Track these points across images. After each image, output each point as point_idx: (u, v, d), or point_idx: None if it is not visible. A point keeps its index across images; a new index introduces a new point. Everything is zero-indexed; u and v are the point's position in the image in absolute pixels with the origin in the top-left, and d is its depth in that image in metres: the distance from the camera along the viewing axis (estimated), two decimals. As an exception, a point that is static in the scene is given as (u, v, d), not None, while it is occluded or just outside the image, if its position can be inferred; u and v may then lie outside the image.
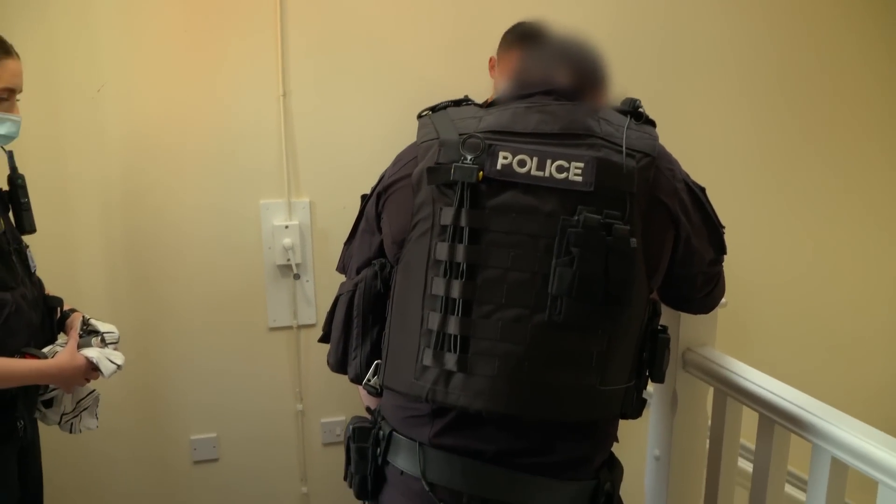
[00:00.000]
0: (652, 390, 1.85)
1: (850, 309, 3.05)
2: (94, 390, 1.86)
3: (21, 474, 1.77)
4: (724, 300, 1.59)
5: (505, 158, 1.26)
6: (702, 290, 1.49)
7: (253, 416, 2.63)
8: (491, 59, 2.12)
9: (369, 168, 1.50)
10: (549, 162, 1.25)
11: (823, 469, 1.44)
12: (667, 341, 1.40)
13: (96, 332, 1.81)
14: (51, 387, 1.80)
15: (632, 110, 1.37)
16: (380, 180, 1.45)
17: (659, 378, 1.41)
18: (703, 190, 1.41)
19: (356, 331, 1.45)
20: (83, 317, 1.84)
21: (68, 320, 1.85)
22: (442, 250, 1.27)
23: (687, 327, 1.76)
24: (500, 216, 1.26)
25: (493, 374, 1.25)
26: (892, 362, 3.14)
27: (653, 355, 1.39)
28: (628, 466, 1.52)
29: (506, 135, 1.29)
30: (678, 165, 1.37)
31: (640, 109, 1.38)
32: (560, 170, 1.25)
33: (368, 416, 1.49)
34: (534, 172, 1.25)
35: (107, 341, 1.82)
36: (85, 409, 1.85)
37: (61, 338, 1.83)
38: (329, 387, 2.61)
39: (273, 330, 2.59)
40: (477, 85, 2.00)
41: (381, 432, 1.40)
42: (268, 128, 2.45)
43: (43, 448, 1.93)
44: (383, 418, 1.42)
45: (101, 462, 2.54)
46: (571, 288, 1.22)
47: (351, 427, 1.44)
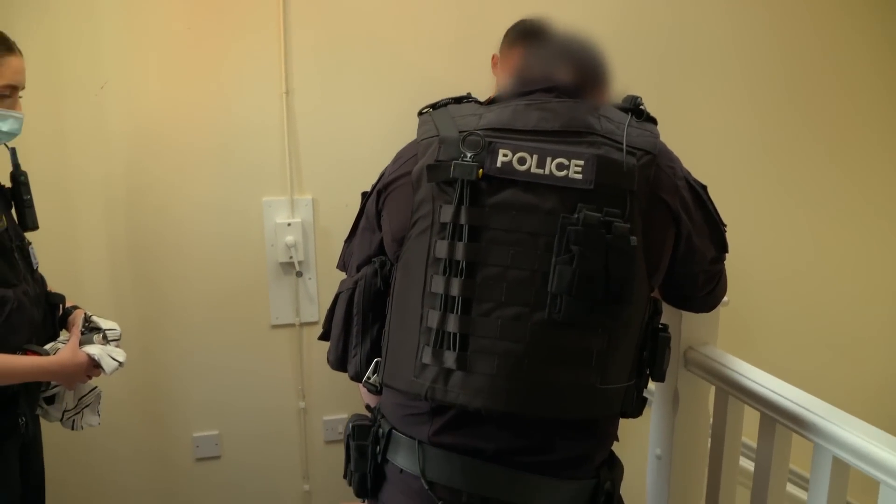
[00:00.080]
0: (654, 389, 1.84)
1: (854, 307, 3.04)
2: (95, 387, 1.87)
3: (23, 471, 1.78)
4: (725, 299, 1.58)
5: (505, 156, 1.26)
6: (703, 289, 1.48)
7: (255, 414, 2.63)
8: (493, 57, 2.12)
9: (372, 165, 1.50)
10: (549, 159, 1.25)
11: (825, 469, 1.43)
12: (667, 340, 1.40)
13: (98, 329, 1.82)
14: (53, 383, 1.81)
15: (633, 108, 1.37)
16: (380, 178, 1.45)
17: (659, 377, 1.41)
18: (704, 188, 1.40)
19: (356, 328, 1.45)
20: (85, 314, 1.85)
21: (70, 317, 1.86)
22: (441, 248, 1.26)
23: (689, 326, 1.75)
24: (499, 214, 1.25)
25: (492, 372, 1.25)
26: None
27: (653, 354, 1.38)
28: (630, 465, 1.51)
29: (506, 132, 1.29)
30: (679, 163, 1.36)
31: (641, 107, 1.37)
32: (560, 167, 1.25)
33: (368, 413, 1.49)
34: (534, 170, 1.25)
35: (109, 338, 1.83)
36: (87, 406, 1.85)
37: (63, 335, 1.83)
38: (331, 384, 2.61)
39: (275, 327, 2.60)
40: (480, 82, 2.00)
41: (381, 430, 1.40)
42: (270, 125, 2.45)
43: (45, 444, 1.93)
44: (383, 416, 1.41)
45: (103, 459, 2.54)
46: (571, 286, 1.21)
47: (351, 425, 1.44)
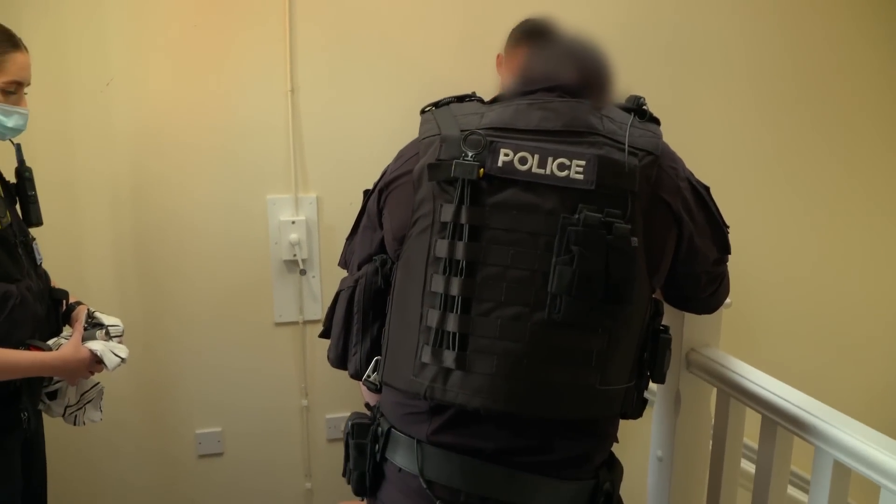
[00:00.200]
0: (655, 390, 1.84)
1: (858, 309, 3.03)
2: (98, 383, 1.87)
3: (25, 465, 1.78)
4: (728, 300, 1.58)
5: (506, 155, 1.26)
6: (706, 290, 1.48)
7: (258, 411, 2.64)
8: (498, 57, 2.11)
9: (377, 164, 1.50)
10: (550, 159, 1.25)
11: (826, 472, 1.43)
12: (668, 341, 1.39)
13: (101, 325, 1.82)
14: (55, 379, 1.81)
15: (636, 108, 1.36)
16: (382, 176, 1.45)
17: (659, 379, 1.41)
18: (707, 189, 1.40)
19: (356, 327, 1.45)
20: (88, 310, 1.85)
21: (73, 313, 1.86)
22: (442, 247, 1.26)
23: (691, 327, 1.74)
24: (500, 213, 1.25)
25: (491, 371, 1.25)
26: (901, 364, 3.12)
27: (654, 355, 1.38)
28: (631, 467, 1.51)
29: (507, 132, 1.28)
30: (682, 164, 1.36)
31: (644, 107, 1.37)
32: (561, 167, 1.24)
33: (368, 412, 1.49)
34: (535, 170, 1.25)
35: (111, 334, 1.83)
36: (89, 402, 1.86)
37: (66, 330, 1.83)
38: (334, 383, 2.62)
39: (279, 325, 2.60)
40: (485, 81, 1.99)
41: (380, 429, 1.39)
42: (275, 123, 2.46)
43: (48, 440, 1.94)
44: (382, 415, 1.41)
45: (105, 455, 2.55)
46: (571, 286, 1.21)
47: (350, 423, 1.44)
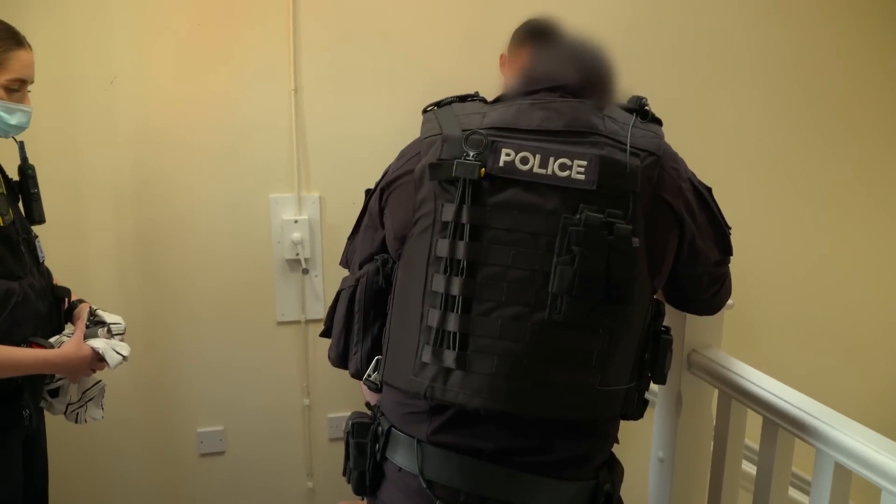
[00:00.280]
0: (657, 391, 1.84)
1: (860, 310, 3.02)
2: (100, 381, 1.87)
3: (26, 463, 1.78)
4: (730, 301, 1.57)
5: (507, 155, 1.26)
6: (707, 291, 1.47)
7: (260, 410, 2.64)
8: (501, 56, 2.11)
9: (380, 163, 1.50)
10: (551, 159, 1.25)
11: (826, 474, 1.42)
12: (669, 342, 1.39)
13: (103, 323, 1.82)
14: (57, 376, 1.81)
15: (638, 108, 1.36)
16: (383, 175, 1.45)
17: (660, 379, 1.40)
18: (709, 190, 1.40)
19: (357, 326, 1.45)
20: (90, 307, 1.86)
21: (75, 311, 1.87)
22: (443, 247, 1.26)
23: (692, 328, 1.74)
24: (501, 213, 1.25)
25: (491, 371, 1.25)
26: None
27: (655, 356, 1.38)
28: (632, 467, 1.51)
29: (509, 131, 1.28)
30: (684, 165, 1.36)
31: (646, 108, 1.37)
32: (563, 168, 1.24)
33: (368, 411, 1.49)
34: (536, 170, 1.25)
35: (113, 332, 1.83)
36: (91, 400, 1.86)
37: (68, 328, 1.84)
38: (336, 382, 2.62)
39: (281, 324, 2.60)
40: (489, 81, 1.99)
41: (380, 428, 1.40)
42: (279, 122, 2.46)
43: (50, 437, 1.94)
44: (382, 414, 1.42)
45: (107, 453, 2.56)
46: (572, 286, 1.21)
47: (350, 422, 1.44)
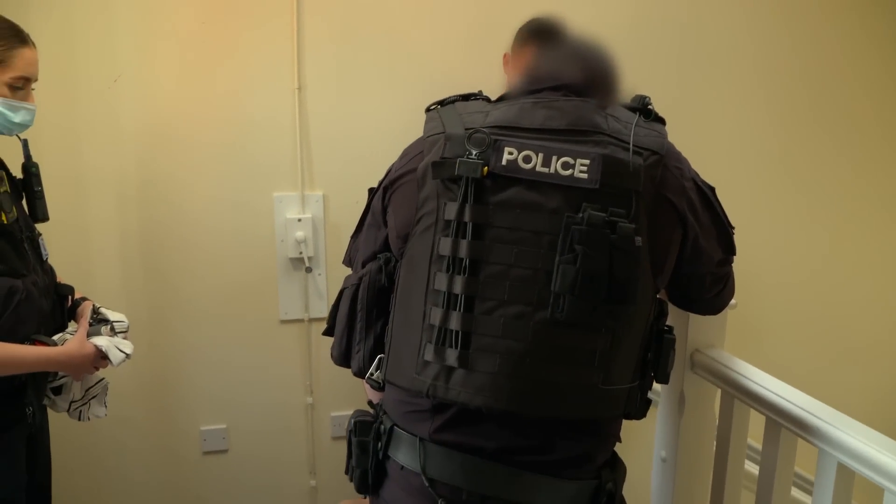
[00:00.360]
0: (659, 390, 1.84)
1: (863, 311, 3.01)
2: (103, 378, 1.88)
3: (29, 460, 1.79)
4: (733, 301, 1.57)
5: (510, 154, 1.26)
6: (710, 291, 1.47)
7: (263, 409, 2.64)
8: (505, 56, 2.11)
9: (383, 162, 1.50)
10: (554, 158, 1.25)
11: (829, 475, 1.42)
12: (672, 342, 1.39)
13: (106, 321, 1.83)
14: (60, 374, 1.81)
15: (641, 107, 1.36)
16: (387, 174, 1.45)
17: (663, 379, 1.40)
18: (712, 189, 1.40)
19: (360, 325, 1.45)
20: (93, 305, 1.86)
21: (79, 308, 1.87)
22: (445, 245, 1.26)
23: (695, 328, 1.74)
24: (503, 212, 1.25)
25: (493, 370, 1.25)
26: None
27: (657, 355, 1.38)
28: (634, 467, 1.51)
29: (512, 130, 1.28)
30: (687, 164, 1.36)
31: (649, 106, 1.37)
32: (565, 166, 1.24)
33: (371, 410, 1.50)
34: (539, 169, 1.25)
35: (116, 330, 1.83)
36: (94, 397, 1.86)
37: (72, 326, 1.84)
38: (339, 381, 2.61)
39: (284, 323, 2.60)
40: (493, 80, 1.99)
41: (383, 427, 1.40)
42: (282, 121, 2.46)
43: (53, 435, 1.95)
44: (385, 413, 1.42)
45: (110, 450, 2.56)
46: (574, 285, 1.21)
47: (353, 421, 1.44)
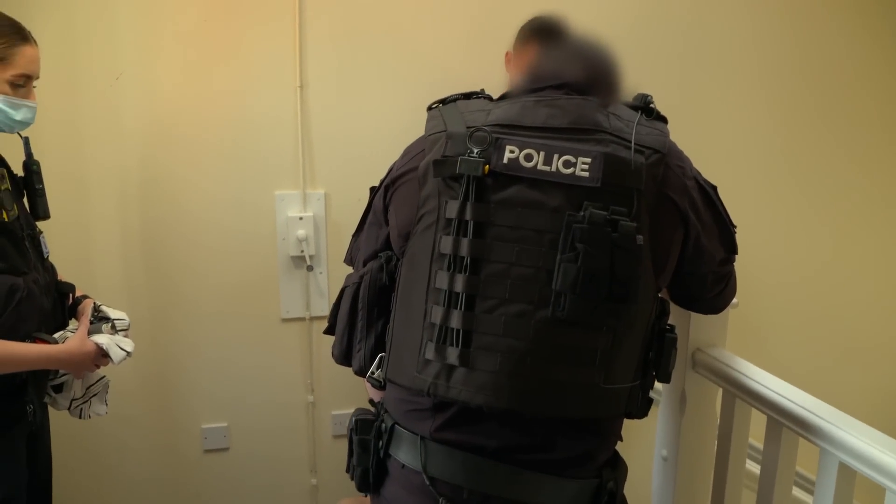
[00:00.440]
0: (661, 389, 1.83)
1: (865, 310, 3.00)
2: (104, 376, 1.88)
3: (30, 458, 1.79)
4: (735, 300, 1.57)
5: (511, 152, 1.26)
6: (712, 290, 1.47)
7: (264, 407, 2.64)
8: (507, 54, 2.11)
9: (385, 161, 1.50)
10: (556, 156, 1.24)
11: (831, 474, 1.42)
12: (674, 341, 1.39)
13: (107, 319, 1.82)
14: (61, 372, 1.81)
15: (643, 106, 1.36)
16: (388, 173, 1.45)
17: (665, 378, 1.40)
18: (714, 188, 1.39)
19: (361, 323, 1.45)
20: (94, 303, 1.86)
21: (80, 306, 1.87)
22: (446, 244, 1.26)
23: (697, 327, 1.74)
24: (505, 210, 1.25)
25: (494, 369, 1.24)
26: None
27: (659, 355, 1.38)
28: (635, 466, 1.50)
29: (513, 128, 1.28)
30: (689, 162, 1.35)
31: (651, 105, 1.36)
32: (567, 165, 1.24)
33: (372, 408, 1.49)
34: (540, 167, 1.25)
35: (117, 328, 1.83)
36: (95, 395, 1.86)
37: (72, 324, 1.84)
38: (340, 379, 2.61)
39: (286, 321, 2.60)
40: (495, 79, 1.99)
41: (384, 425, 1.40)
42: (284, 119, 2.46)
43: (54, 433, 1.95)
44: (386, 411, 1.42)
45: (111, 449, 2.56)
46: (576, 284, 1.21)
47: (354, 419, 1.44)
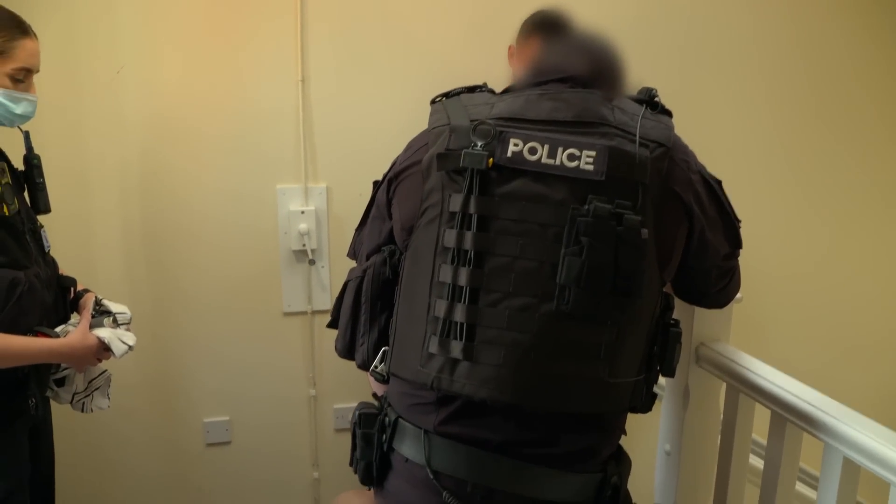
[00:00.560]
0: (664, 384, 1.83)
1: (868, 306, 3.00)
2: (105, 370, 1.87)
3: (32, 452, 1.79)
4: (739, 295, 1.57)
5: (516, 146, 1.25)
6: (716, 285, 1.47)
7: (266, 401, 2.64)
8: (510, 48, 2.10)
9: (387, 154, 1.49)
10: (560, 150, 1.24)
11: (835, 469, 1.42)
12: (678, 335, 1.38)
13: (108, 313, 1.83)
14: (63, 366, 1.81)
15: (648, 99, 1.35)
16: (391, 166, 1.45)
17: (669, 372, 1.40)
18: (719, 182, 1.39)
19: (364, 317, 1.45)
20: (96, 297, 1.86)
21: (81, 300, 1.86)
22: (450, 237, 1.26)
23: (701, 322, 1.73)
24: (509, 204, 1.24)
25: (498, 362, 1.24)
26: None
27: (664, 349, 1.38)
28: (638, 460, 1.50)
29: (517, 122, 1.28)
30: (693, 157, 1.35)
31: (656, 99, 1.36)
32: (571, 158, 1.23)
33: (375, 402, 1.49)
34: (544, 160, 1.24)
35: (119, 322, 1.83)
36: (97, 389, 1.86)
37: (74, 318, 1.84)
38: (342, 373, 2.61)
39: (287, 315, 2.60)
40: (497, 73, 1.98)
41: (387, 419, 1.40)
42: (286, 113, 2.45)
43: (56, 427, 1.95)
44: (389, 405, 1.41)
45: (113, 442, 2.56)
46: (580, 278, 1.21)
47: (357, 413, 1.44)
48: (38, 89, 1.73)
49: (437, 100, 1.42)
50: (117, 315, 1.83)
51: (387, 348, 1.42)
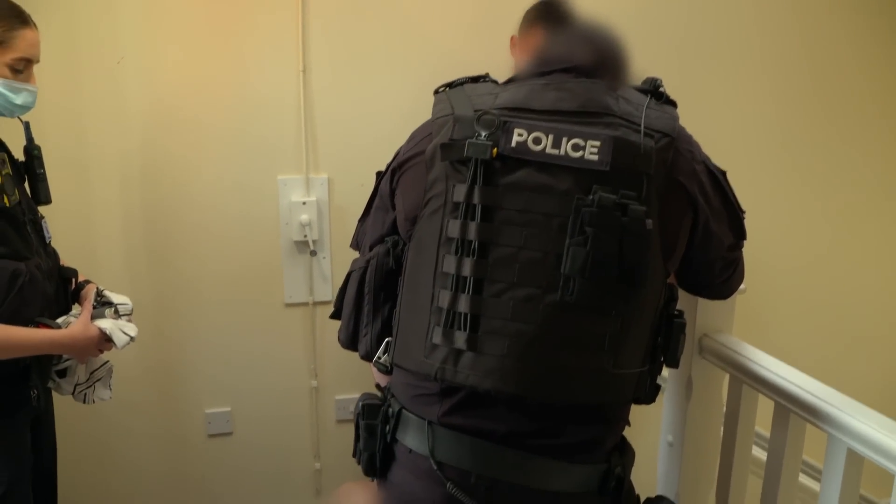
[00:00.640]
0: (667, 375, 1.83)
1: (871, 297, 3.00)
2: (107, 361, 1.87)
3: (34, 443, 1.79)
4: (742, 286, 1.57)
5: (520, 136, 1.24)
6: (720, 276, 1.46)
7: (267, 392, 2.64)
8: (512, 38, 2.09)
9: (389, 145, 1.49)
10: (564, 140, 1.23)
11: (839, 460, 1.41)
12: (682, 326, 1.38)
13: (110, 304, 1.82)
14: (64, 357, 1.81)
15: (652, 90, 1.35)
16: (395, 157, 1.44)
17: (673, 363, 1.40)
18: (723, 173, 1.38)
19: (367, 308, 1.45)
20: (97, 288, 1.85)
21: (82, 291, 1.86)
22: (454, 227, 1.25)
23: (704, 313, 1.73)
24: (513, 194, 1.24)
25: (502, 353, 1.24)
26: (915, 353, 3.09)
27: (668, 340, 1.37)
28: (641, 451, 1.50)
29: (522, 112, 1.27)
30: (698, 147, 1.34)
31: (660, 89, 1.35)
32: (576, 148, 1.23)
33: (379, 393, 1.49)
34: (549, 150, 1.23)
35: (120, 313, 1.83)
36: (98, 380, 1.86)
37: (75, 309, 1.83)
38: (344, 364, 2.61)
39: (289, 306, 2.59)
40: (500, 63, 1.97)
41: (391, 410, 1.39)
42: (287, 103, 2.44)
43: (58, 418, 1.95)
44: (393, 396, 1.41)
45: (115, 433, 2.56)
46: (584, 268, 1.20)
47: (360, 404, 1.44)
48: (38, 79, 1.72)
49: (441, 90, 1.41)
50: (119, 306, 1.83)
51: (390, 339, 1.41)
